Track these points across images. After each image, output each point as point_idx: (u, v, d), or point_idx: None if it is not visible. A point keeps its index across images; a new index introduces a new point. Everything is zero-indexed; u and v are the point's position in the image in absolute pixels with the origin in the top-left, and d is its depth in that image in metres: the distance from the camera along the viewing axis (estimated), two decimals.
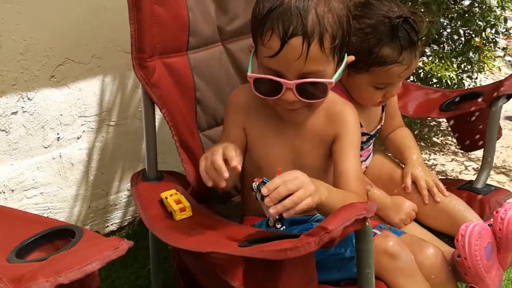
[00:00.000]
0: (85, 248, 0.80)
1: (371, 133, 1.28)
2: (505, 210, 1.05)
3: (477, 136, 1.33)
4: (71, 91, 1.48)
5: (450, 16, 2.01)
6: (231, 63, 1.29)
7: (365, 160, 1.31)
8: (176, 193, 1.03)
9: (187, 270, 1.13)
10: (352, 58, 1.04)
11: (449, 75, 1.89)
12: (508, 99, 1.27)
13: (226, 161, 0.90)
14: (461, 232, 1.04)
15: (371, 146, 1.32)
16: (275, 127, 1.09)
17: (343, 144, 1.06)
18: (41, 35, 1.37)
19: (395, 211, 1.20)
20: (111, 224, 1.72)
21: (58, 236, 0.89)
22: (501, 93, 1.23)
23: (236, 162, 0.89)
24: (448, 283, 1.07)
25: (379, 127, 1.29)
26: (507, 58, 3.02)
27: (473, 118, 1.32)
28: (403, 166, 1.30)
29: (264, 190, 0.83)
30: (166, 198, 1.02)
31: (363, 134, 1.26)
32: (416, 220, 1.24)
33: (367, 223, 0.78)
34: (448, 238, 1.20)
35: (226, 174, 0.88)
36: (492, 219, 1.09)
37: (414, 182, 1.23)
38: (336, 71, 1.00)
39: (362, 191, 1.03)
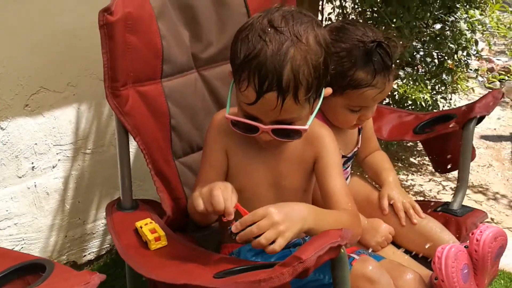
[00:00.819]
0: (55, 283, 0.78)
1: (348, 155, 1.29)
2: (481, 232, 1.06)
3: (451, 158, 1.35)
4: (46, 120, 1.46)
5: (422, 39, 2.06)
6: (206, 89, 1.29)
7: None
8: (151, 222, 1.02)
9: None
10: (329, 90, 1.05)
11: (423, 97, 1.93)
12: (480, 121, 1.29)
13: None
14: (437, 254, 1.05)
15: (349, 169, 1.33)
16: (256, 150, 1.09)
17: (325, 164, 1.07)
18: (15, 64, 1.36)
19: (372, 234, 1.21)
20: (89, 254, 1.68)
21: (29, 271, 0.87)
22: (473, 115, 1.26)
23: (231, 216, 0.90)
24: None
25: (356, 149, 1.31)
26: (480, 78, 3.11)
27: (447, 140, 1.34)
28: (380, 188, 1.31)
29: (233, 228, 0.85)
30: (141, 227, 1.01)
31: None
32: (393, 243, 1.24)
33: (342, 250, 0.78)
34: (425, 260, 1.20)
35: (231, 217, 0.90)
36: (468, 241, 1.10)
37: (391, 204, 1.24)
38: (313, 108, 1.02)
39: (352, 206, 1.04)
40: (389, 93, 2.10)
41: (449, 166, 1.34)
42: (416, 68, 2.16)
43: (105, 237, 1.71)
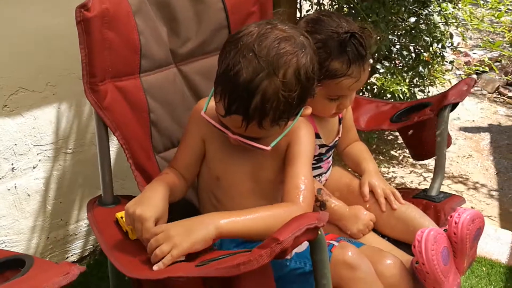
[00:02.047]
0: (34, 276, 0.78)
1: (330, 145, 1.31)
2: (459, 214, 1.09)
3: (427, 145, 1.38)
4: (25, 120, 1.45)
5: (398, 33, 2.09)
6: (185, 84, 1.30)
7: (325, 173, 1.34)
8: None
9: None
10: (309, 110, 1.04)
11: (401, 90, 1.96)
12: (454, 108, 1.32)
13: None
14: (417, 238, 1.07)
15: (330, 158, 1.35)
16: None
17: (293, 152, 1.07)
18: None
19: (353, 221, 1.23)
20: (72, 255, 1.67)
21: (8, 267, 0.87)
22: (447, 102, 1.29)
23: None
24: None
25: (337, 139, 1.33)
26: (458, 72, 3.17)
27: (423, 127, 1.37)
28: (360, 177, 1.33)
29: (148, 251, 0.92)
30: (122, 217, 1.01)
31: (322, 145, 1.29)
32: (374, 230, 1.26)
33: (320, 233, 0.79)
34: (406, 246, 1.23)
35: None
36: (447, 225, 1.12)
37: (372, 191, 1.26)
38: (285, 127, 1.02)
39: (305, 198, 1.00)
40: (368, 86, 2.14)
41: (427, 153, 1.36)
42: (393, 61, 2.19)
43: (88, 237, 1.70)
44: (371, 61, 1.25)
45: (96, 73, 1.08)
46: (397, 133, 2.61)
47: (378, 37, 1.83)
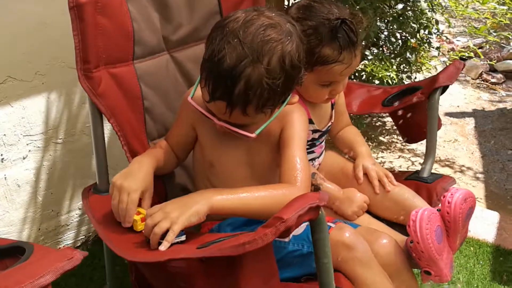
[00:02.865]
0: (36, 261, 0.78)
1: (323, 130, 1.32)
2: (451, 194, 1.11)
3: (418, 128, 1.40)
4: (14, 110, 1.43)
5: (386, 20, 2.11)
6: (178, 71, 1.30)
7: (318, 157, 1.35)
8: None
9: (146, 283, 1.11)
10: (295, 99, 1.04)
11: (389, 75, 1.98)
12: (444, 91, 1.34)
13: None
14: (411, 217, 1.09)
15: (323, 143, 1.36)
16: None
17: (287, 136, 1.07)
18: None
19: (347, 204, 1.24)
20: (63, 246, 1.66)
21: (7, 255, 0.86)
22: (437, 85, 1.31)
23: (128, 223, 0.98)
24: (404, 270, 1.11)
25: (330, 124, 1.34)
26: (442, 59, 3.21)
27: (413, 111, 1.39)
28: (353, 161, 1.35)
29: (145, 234, 0.92)
30: None
31: (315, 131, 1.30)
32: (368, 212, 1.28)
33: (321, 212, 0.80)
34: (400, 227, 1.25)
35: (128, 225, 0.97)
36: (439, 205, 1.14)
37: (365, 174, 1.28)
38: (271, 115, 1.02)
39: (301, 179, 1.00)
40: (356, 73, 2.16)
41: (418, 135, 1.38)
42: (381, 48, 2.21)
43: (80, 228, 1.69)
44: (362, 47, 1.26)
45: (90, 59, 1.07)
46: (385, 119, 2.65)
47: (366, 24, 1.84)
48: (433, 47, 2.30)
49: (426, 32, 2.16)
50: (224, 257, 0.76)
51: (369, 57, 2.12)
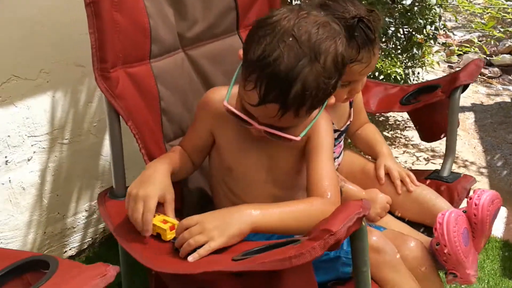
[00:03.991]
0: (67, 279, 0.73)
1: (342, 129, 1.29)
2: (478, 196, 1.09)
3: (437, 126, 1.38)
4: (18, 110, 1.37)
5: (394, 15, 2.08)
6: (193, 69, 1.25)
7: (337, 157, 1.32)
8: (158, 214, 0.96)
9: None
10: (333, 100, 1.01)
11: (397, 71, 1.96)
12: (464, 89, 1.32)
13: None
14: (438, 220, 1.07)
15: (342, 142, 1.33)
16: (247, 131, 1.06)
17: (315, 146, 1.05)
18: None
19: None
20: (70, 249, 1.61)
21: (28, 269, 0.81)
22: (459, 84, 1.28)
23: (147, 232, 0.93)
24: (431, 273, 1.09)
25: (348, 123, 1.31)
26: (441, 52, 3.20)
27: (433, 109, 1.37)
28: (373, 160, 1.32)
29: (177, 245, 0.88)
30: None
31: (334, 131, 1.26)
32: (390, 212, 1.26)
33: (364, 222, 0.77)
34: (422, 227, 1.23)
35: (147, 234, 0.93)
36: (462, 205, 1.13)
37: (387, 174, 1.25)
38: (312, 118, 1.00)
39: (331, 192, 0.99)
40: None
41: (437, 134, 1.36)
42: (386, 43, 2.19)
43: (87, 230, 1.64)
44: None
45: (107, 58, 1.02)
46: (388, 114, 2.63)
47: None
48: (439, 43, 2.28)
49: (433, 27, 2.14)
50: (265, 271, 0.72)
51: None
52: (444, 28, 2.28)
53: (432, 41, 2.22)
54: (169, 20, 1.17)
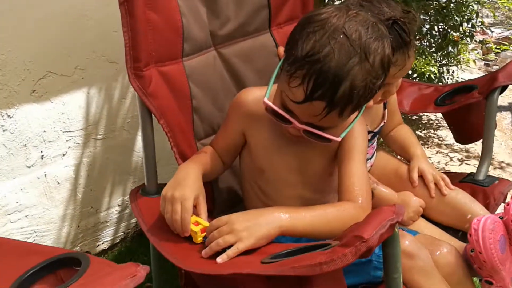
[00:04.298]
0: (98, 278, 0.74)
1: (375, 131, 1.27)
2: None
3: (473, 128, 1.34)
4: (54, 106, 1.40)
5: (429, 12, 2.03)
6: (225, 68, 1.25)
7: (370, 158, 1.30)
8: (191, 215, 0.96)
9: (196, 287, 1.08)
10: (371, 104, 1.01)
11: (431, 70, 1.91)
12: (503, 90, 1.28)
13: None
14: (473, 226, 1.04)
15: (375, 144, 1.31)
16: (280, 133, 1.06)
17: (348, 148, 1.03)
18: (20, 47, 1.29)
19: None
20: (102, 243, 1.64)
21: (61, 265, 0.82)
22: (497, 85, 1.24)
23: (186, 233, 0.93)
24: (465, 280, 1.07)
25: (382, 124, 1.29)
26: (477, 50, 3.10)
27: (469, 111, 1.33)
28: (406, 162, 1.30)
29: (206, 244, 0.89)
30: None
31: (368, 132, 1.24)
32: (423, 216, 1.23)
33: (396, 228, 0.76)
34: (455, 232, 1.20)
35: (186, 235, 0.92)
36: (498, 211, 1.09)
37: (421, 176, 1.22)
38: (352, 119, 0.99)
39: (362, 196, 0.97)
40: None
41: (473, 136, 1.32)
42: (420, 41, 2.13)
43: (119, 225, 1.67)
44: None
45: (140, 57, 1.03)
46: (421, 113, 2.57)
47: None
48: (475, 40, 2.21)
49: (470, 25, 2.07)
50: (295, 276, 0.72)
51: None
52: (482, 25, 2.20)
53: (468, 39, 2.15)
54: (202, 18, 1.18)
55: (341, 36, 0.87)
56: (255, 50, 1.28)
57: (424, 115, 2.54)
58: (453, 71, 2.35)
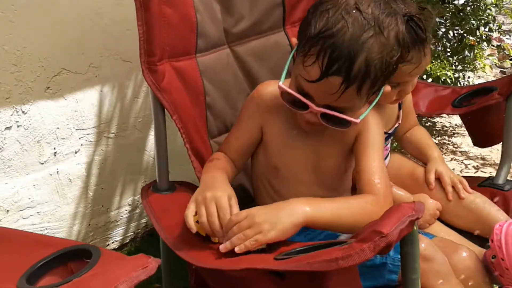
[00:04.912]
0: (109, 269, 0.73)
1: (389, 132, 1.25)
2: None
3: (492, 132, 1.31)
4: (68, 103, 1.40)
5: (444, 16, 2.00)
6: (238, 66, 1.24)
7: (384, 159, 1.27)
8: None
9: (206, 286, 1.06)
10: (388, 89, 1.00)
11: (447, 74, 1.88)
12: None
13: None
14: (495, 231, 1.01)
15: (389, 145, 1.28)
16: (296, 129, 1.04)
17: (365, 142, 1.02)
18: (35, 44, 1.29)
19: None
20: (112, 242, 1.63)
21: (72, 257, 0.81)
22: None
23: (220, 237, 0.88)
24: (484, 285, 1.03)
25: (397, 125, 1.26)
26: (491, 57, 3.06)
27: (488, 113, 1.30)
28: (422, 164, 1.27)
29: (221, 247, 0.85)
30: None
31: None
32: (439, 219, 1.20)
33: (415, 226, 0.73)
34: (473, 237, 1.17)
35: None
36: None
37: (438, 179, 1.20)
38: (370, 103, 0.97)
39: (383, 190, 0.96)
40: None
41: (492, 139, 1.29)
42: (435, 45, 2.10)
43: (129, 224, 1.66)
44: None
45: (155, 51, 1.02)
46: (435, 120, 2.53)
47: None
48: (493, 45, 2.18)
49: (487, 29, 2.04)
50: (308, 272, 0.69)
51: None
52: (499, 30, 2.17)
53: (485, 44, 2.11)
54: (216, 15, 1.17)
55: (354, 11, 0.87)
56: (269, 49, 1.27)
57: (438, 121, 2.50)
58: (468, 77, 2.32)
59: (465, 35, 2.10)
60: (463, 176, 1.26)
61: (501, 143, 1.26)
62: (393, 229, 0.66)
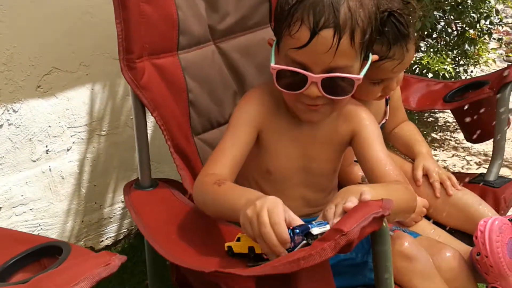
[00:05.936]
0: (72, 266, 0.73)
1: None
2: None
3: (485, 127, 1.28)
4: (59, 101, 1.41)
5: (443, 9, 1.97)
6: (224, 63, 1.23)
7: None
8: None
9: (187, 284, 1.06)
10: (376, 57, 0.99)
11: (445, 68, 1.84)
12: None
13: None
14: (479, 228, 0.98)
15: None
16: (290, 131, 1.03)
17: (365, 137, 1.01)
18: (26, 43, 1.31)
19: None
20: (106, 239, 1.65)
21: (45, 254, 0.82)
22: (509, 80, 1.18)
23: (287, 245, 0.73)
24: (469, 285, 1.01)
25: (384, 121, 1.24)
26: (499, 51, 3.00)
27: (479, 108, 1.27)
28: (410, 160, 1.25)
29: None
30: (239, 238, 0.84)
31: None
32: (427, 217, 1.18)
33: (384, 223, 0.72)
34: (462, 235, 1.14)
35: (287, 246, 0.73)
36: (509, 213, 1.03)
37: (425, 175, 1.17)
38: (362, 68, 0.95)
39: (401, 176, 0.97)
40: (409, 66, 2.02)
41: (484, 135, 1.27)
42: (435, 39, 2.07)
43: (123, 221, 1.67)
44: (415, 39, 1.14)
45: (133, 49, 1.02)
46: (438, 115, 2.50)
47: (421, 13, 1.71)
48: (494, 38, 2.13)
49: (488, 22, 1.99)
50: (279, 275, 0.68)
51: (423, 49, 1.99)
52: (502, 23, 2.11)
53: (486, 37, 2.06)
54: (200, 12, 1.16)
55: None
56: (256, 45, 1.26)
57: (440, 116, 2.46)
58: (471, 71, 2.27)
59: (466, 28, 2.06)
60: (454, 173, 1.23)
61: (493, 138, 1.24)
62: (354, 227, 0.65)
